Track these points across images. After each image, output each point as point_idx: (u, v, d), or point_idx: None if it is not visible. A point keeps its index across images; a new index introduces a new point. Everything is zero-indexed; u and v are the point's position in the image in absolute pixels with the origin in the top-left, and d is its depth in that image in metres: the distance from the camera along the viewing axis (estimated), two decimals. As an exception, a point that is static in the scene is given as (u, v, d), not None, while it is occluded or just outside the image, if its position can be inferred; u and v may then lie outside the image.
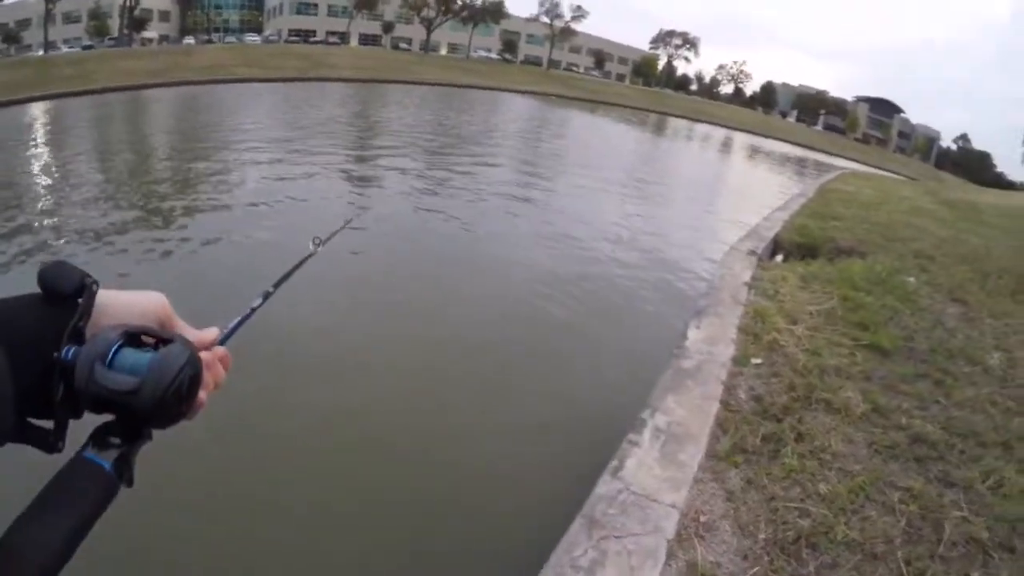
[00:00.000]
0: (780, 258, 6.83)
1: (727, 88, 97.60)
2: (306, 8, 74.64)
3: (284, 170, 12.28)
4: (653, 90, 77.48)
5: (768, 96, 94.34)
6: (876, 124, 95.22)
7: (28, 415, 0.52)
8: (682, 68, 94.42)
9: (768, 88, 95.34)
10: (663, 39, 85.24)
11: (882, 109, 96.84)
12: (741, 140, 45.62)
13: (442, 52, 75.91)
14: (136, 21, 59.19)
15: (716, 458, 2.72)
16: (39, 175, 11.45)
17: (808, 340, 3.95)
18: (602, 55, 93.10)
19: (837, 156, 48.18)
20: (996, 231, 8.69)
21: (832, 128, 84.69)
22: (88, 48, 51.48)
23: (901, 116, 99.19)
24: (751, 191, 19.08)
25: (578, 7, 73.81)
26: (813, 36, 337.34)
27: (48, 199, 9.62)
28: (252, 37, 68.17)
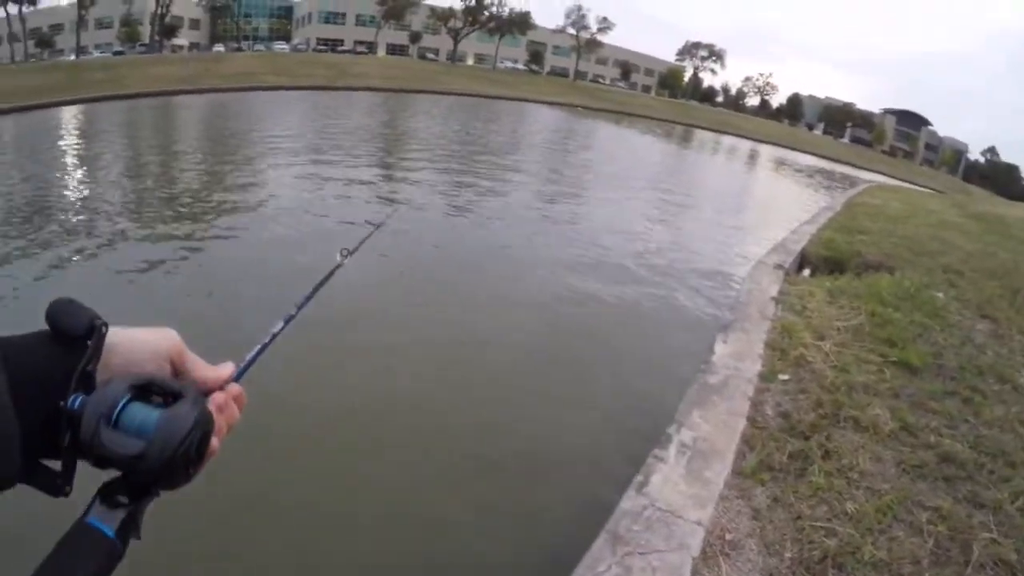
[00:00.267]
0: (807, 272, 6.78)
1: (753, 100, 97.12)
2: (334, 18, 75.93)
3: (316, 174, 12.48)
4: (679, 102, 77.03)
5: (794, 108, 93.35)
6: (903, 137, 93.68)
7: (36, 456, 0.50)
8: (708, 80, 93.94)
9: (794, 100, 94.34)
10: (689, 51, 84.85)
11: (909, 121, 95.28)
12: (767, 152, 45.09)
13: (469, 63, 76.55)
14: (167, 28, 60.56)
15: (742, 475, 2.71)
16: (71, 179, 11.76)
17: (836, 356, 3.92)
18: (628, 66, 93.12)
19: (864, 169, 47.42)
20: (1025, 246, 8.53)
21: (859, 141, 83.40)
22: (118, 54, 52.86)
23: (928, 128, 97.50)
24: (777, 203, 18.89)
25: (604, 19, 73.97)
26: (839, 49, 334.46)
27: (82, 203, 9.84)
28: (280, 45, 69.62)
